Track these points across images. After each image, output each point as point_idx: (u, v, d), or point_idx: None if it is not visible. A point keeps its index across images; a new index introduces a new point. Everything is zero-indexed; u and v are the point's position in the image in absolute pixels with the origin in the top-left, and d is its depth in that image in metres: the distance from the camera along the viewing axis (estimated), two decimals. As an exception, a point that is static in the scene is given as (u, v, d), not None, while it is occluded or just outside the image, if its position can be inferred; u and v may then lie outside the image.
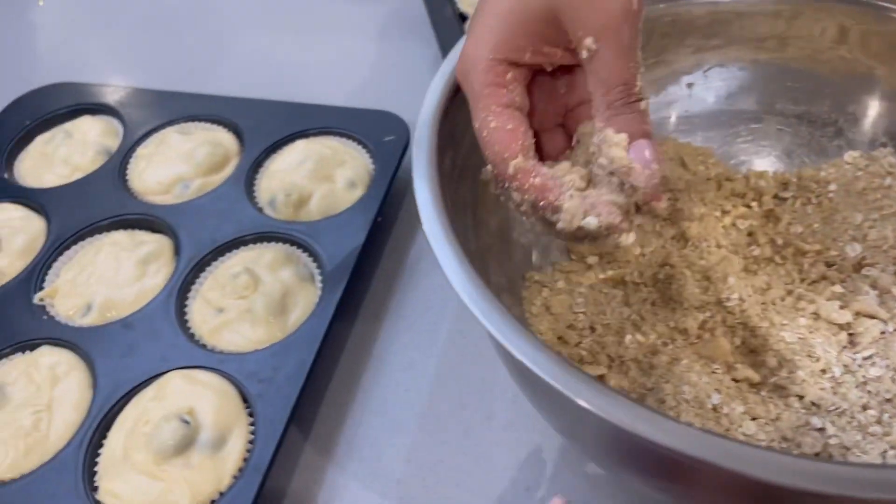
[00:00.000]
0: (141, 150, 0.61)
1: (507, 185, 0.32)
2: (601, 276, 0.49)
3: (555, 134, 0.35)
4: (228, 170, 0.59)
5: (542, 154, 0.34)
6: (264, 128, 0.61)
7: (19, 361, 0.49)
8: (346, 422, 0.48)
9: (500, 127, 0.31)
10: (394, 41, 0.77)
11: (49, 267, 0.54)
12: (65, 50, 0.82)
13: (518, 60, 0.31)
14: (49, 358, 0.48)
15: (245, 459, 0.43)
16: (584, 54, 0.30)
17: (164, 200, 0.58)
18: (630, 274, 0.49)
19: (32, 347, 0.50)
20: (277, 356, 0.46)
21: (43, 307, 0.52)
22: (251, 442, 0.44)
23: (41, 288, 0.53)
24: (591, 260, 0.50)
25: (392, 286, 0.55)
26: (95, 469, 0.44)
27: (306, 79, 0.73)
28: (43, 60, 0.82)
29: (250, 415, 0.45)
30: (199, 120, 0.63)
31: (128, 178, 0.60)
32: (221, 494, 0.42)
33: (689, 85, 0.52)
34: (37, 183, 0.61)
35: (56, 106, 0.66)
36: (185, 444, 0.43)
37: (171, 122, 0.63)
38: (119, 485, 0.42)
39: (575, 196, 0.31)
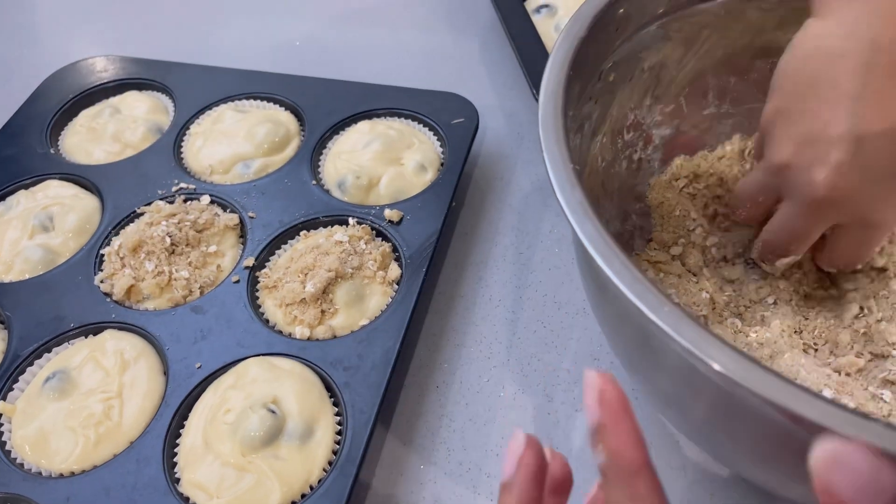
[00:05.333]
0: (195, 128, 0.59)
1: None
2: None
3: None
4: (290, 150, 0.57)
5: None
6: (324, 107, 0.59)
7: (83, 345, 0.46)
8: (428, 412, 0.46)
9: None
10: (451, 22, 0.75)
11: (108, 247, 0.51)
12: (103, 21, 0.79)
13: None
14: (115, 343, 0.46)
15: (335, 452, 0.41)
16: None
17: (225, 180, 0.55)
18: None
19: (96, 331, 0.47)
20: (362, 343, 0.45)
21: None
22: (339, 433, 0.42)
23: (101, 269, 0.50)
24: (675, 251, 0.49)
25: (463, 273, 0.53)
26: (175, 460, 0.42)
27: (358, 60, 0.71)
28: (81, 32, 0.78)
29: (334, 404, 0.43)
30: (255, 97, 0.61)
31: (183, 156, 0.57)
32: (312, 488, 0.40)
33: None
34: (86, 159, 0.58)
35: (99, 80, 0.63)
36: (273, 435, 0.41)
37: (224, 99, 0.61)
38: (203, 476, 0.40)
39: None
